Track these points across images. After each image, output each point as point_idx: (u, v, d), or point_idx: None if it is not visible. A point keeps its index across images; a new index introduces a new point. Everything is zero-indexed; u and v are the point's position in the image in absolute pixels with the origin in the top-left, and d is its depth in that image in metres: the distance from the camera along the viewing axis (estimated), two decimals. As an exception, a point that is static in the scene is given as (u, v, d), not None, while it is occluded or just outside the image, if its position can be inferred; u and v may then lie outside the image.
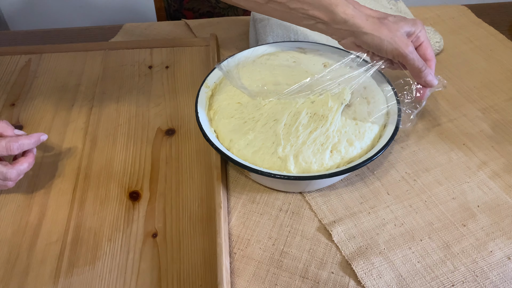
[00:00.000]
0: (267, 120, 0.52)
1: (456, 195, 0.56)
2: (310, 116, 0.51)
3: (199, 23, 0.86)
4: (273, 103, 0.53)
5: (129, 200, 0.55)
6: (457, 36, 0.81)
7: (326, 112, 0.51)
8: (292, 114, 0.52)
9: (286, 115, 0.51)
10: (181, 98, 0.68)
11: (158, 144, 0.61)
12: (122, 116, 0.66)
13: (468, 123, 0.65)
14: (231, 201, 0.55)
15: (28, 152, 0.53)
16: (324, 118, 0.51)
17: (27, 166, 0.52)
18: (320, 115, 0.51)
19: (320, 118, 0.51)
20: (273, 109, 0.53)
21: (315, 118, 0.51)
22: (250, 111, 0.54)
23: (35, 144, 0.53)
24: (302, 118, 0.51)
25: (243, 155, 0.51)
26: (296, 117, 0.51)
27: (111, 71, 0.74)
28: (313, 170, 0.49)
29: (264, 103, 0.53)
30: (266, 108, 0.53)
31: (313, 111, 0.52)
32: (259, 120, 0.53)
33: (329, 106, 0.51)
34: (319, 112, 0.51)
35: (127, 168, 0.58)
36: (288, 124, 0.51)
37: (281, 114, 0.52)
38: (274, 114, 0.52)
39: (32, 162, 0.53)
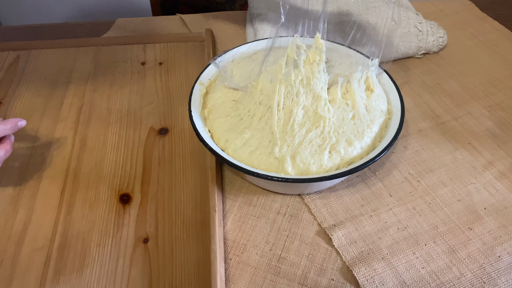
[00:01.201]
0: (262, 112, 0.49)
1: (462, 197, 0.53)
2: (305, 113, 0.49)
3: (195, 18, 0.83)
4: (264, 83, 0.50)
5: (120, 203, 0.52)
6: (461, 31, 0.78)
7: (313, 69, 0.48)
8: (282, 83, 0.48)
9: (277, 87, 0.48)
10: (175, 95, 0.66)
11: (151, 144, 0.59)
12: (113, 115, 0.63)
13: (473, 121, 0.62)
14: (226, 204, 0.53)
15: (5, 139, 0.50)
16: (319, 117, 0.48)
17: (4, 154, 0.49)
18: (315, 113, 0.49)
19: (316, 118, 0.49)
20: (265, 90, 0.50)
21: (310, 117, 0.49)
22: (245, 105, 0.51)
23: (12, 130, 0.50)
24: (295, 114, 0.48)
25: (239, 155, 0.49)
26: (288, 91, 0.48)
27: (102, 68, 0.71)
28: (311, 171, 0.47)
29: (256, 85, 0.50)
30: (259, 94, 0.50)
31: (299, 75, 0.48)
32: (254, 114, 0.50)
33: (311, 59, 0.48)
34: (308, 75, 0.48)
35: (117, 169, 0.56)
36: (282, 119, 0.48)
37: (273, 91, 0.49)
38: (267, 98, 0.49)
39: (9, 149, 0.50)
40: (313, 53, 0.48)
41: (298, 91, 0.48)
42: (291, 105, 0.48)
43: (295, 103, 0.48)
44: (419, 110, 0.64)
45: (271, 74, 0.49)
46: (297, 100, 0.48)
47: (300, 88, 0.48)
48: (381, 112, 0.52)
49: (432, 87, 0.68)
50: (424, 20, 0.72)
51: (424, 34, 0.71)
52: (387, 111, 0.53)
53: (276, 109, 0.48)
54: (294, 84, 0.48)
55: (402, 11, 0.72)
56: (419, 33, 0.71)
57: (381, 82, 0.57)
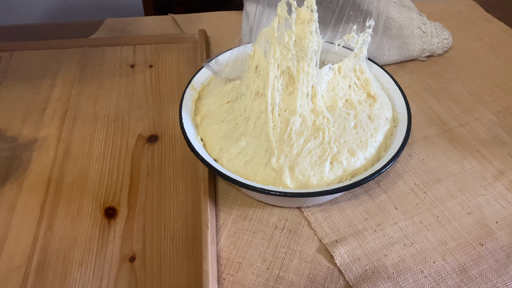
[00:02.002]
0: (257, 112, 0.46)
1: (472, 210, 0.50)
2: (302, 121, 0.45)
3: (187, 18, 0.79)
4: (259, 53, 0.46)
5: (104, 217, 0.48)
6: (465, 33, 0.75)
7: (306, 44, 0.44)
8: (277, 46, 0.44)
9: (272, 50, 0.44)
10: (166, 100, 0.62)
11: (139, 153, 0.55)
12: (99, 121, 0.59)
13: (481, 127, 0.59)
14: (220, 217, 0.49)
15: None
16: (317, 129, 0.45)
17: None
18: (312, 125, 0.45)
19: (315, 129, 0.45)
20: (261, 64, 0.46)
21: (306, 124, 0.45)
22: (240, 105, 0.48)
23: None
24: (292, 123, 0.45)
25: (234, 166, 0.45)
26: (283, 56, 0.45)
27: (89, 70, 0.67)
28: (312, 184, 0.43)
29: (253, 55, 0.46)
30: (254, 77, 0.47)
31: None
32: (250, 118, 0.46)
33: None
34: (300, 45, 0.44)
35: (103, 180, 0.52)
36: (278, 127, 0.45)
37: (267, 81, 0.45)
38: (263, 82, 0.46)
39: None
40: (304, 12, 0.44)
41: (293, 57, 0.45)
42: (289, 113, 0.45)
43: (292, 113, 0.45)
44: (424, 115, 0.61)
45: (264, 38, 0.45)
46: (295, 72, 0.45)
47: (293, 59, 0.45)
48: (385, 120, 0.49)
49: (437, 91, 0.64)
50: (428, 21, 0.69)
51: (428, 36, 0.67)
52: (392, 118, 0.50)
53: (270, 94, 0.44)
54: (288, 45, 0.44)
55: (405, 12, 0.69)
56: (423, 35, 0.67)
57: (385, 87, 0.54)
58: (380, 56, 0.66)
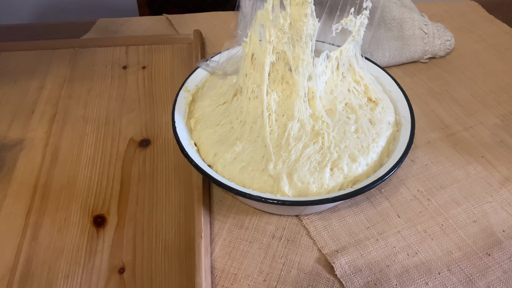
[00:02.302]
0: (253, 117, 0.44)
1: (477, 218, 0.48)
2: (301, 126, 0.43)
3: (182, 18, 0.77)
4: (254, 40, 0.44)
5: (93, 226, 0.46)
6: (468, 34, 0.73)
7: None
8: (272, 28, 0.42)
9: (267, 33, 0.42)
10: (159, 103, 0.59)
11: (130, 158, 0.52)
12: (89, 124, 0.57)
13: (485, 132, 0.57)
14: (215, 226, 0.47)
15: None
16: (316, 134, 0.43)
17: None
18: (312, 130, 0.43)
19: (314, 134, 0.43)
20: (256, 51, 0.44)
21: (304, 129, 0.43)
22: (236, 107, 0.45)
23: None
24: (290, 128, 0.43)
25: (229, 172, 0.43)
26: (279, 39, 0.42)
27: (80, 72, 0.65)
28: (311, 192, 0.41)
29: (248, 41, 0.44)
30: (250, 68, 0.45)
31: None
32: (245, 122, 0.44)
33: None
34: None
35: (92, 186, 0.50)
36: (276, 132, 0.43)
37: (262, 73, 0.43)
38: (259, 75, 0.44)
39: None
40: None
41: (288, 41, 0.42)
42: (286, 118, 0.43)
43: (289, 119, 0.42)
44: (426, 119, 0.59)
45: (259, 22, 0.43)
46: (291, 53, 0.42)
47: (289, 42, 0.42)
48: (388, 125, 0.46)
49: (440, 94, 0.62)
50: (430, 21, 0.67)
51: (430, 37, 0.65)
52: (395, 122, 0.48)
53: (265, 93, 0.42)
54: (283, 28, 0.42)
55: (406, 12, 0.67)
56: (425, 36, 0.65)
57: (387, 90, 0.52)
58: (381, 58, 0.64)
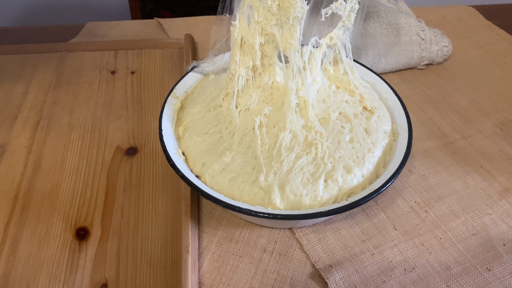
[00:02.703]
0: (243, 130, 0.42)
1: (477, 230, 0.46)
2: (293, 137, 0.41)
3: (174, 22, 0.75)
4: (242, 21, 0.42)
5: (75, 239, 0.44)
6: (465, 40, 0.72)
7: None
8: (260, 10, 0.41)
9: (256, 14, 0.41)
10: (147, 109, 0.57)
11: (116, 167, 0.50)
12: (74, 132, 0.55)
13: (484, 141, 0.55)
14: (203, 239, 0.45)
15: None
16: (309, 144, 0.41)
17: None
18: None
19: (307, 144, 0.41)
20: (245, 36, 0.43)
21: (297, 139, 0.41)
22: (226, 116, 0.44)
23: None
24: (282, 139, 0.41)
25: (218, 183, 0.41)
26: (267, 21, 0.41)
27: (66, 76, 0.62)
28: (304, 204, 0.39)
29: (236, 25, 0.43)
30: (238, 66, 0.43)
31: None
32: (235, 133, 0.42)
33: None
34: None
35: (75, 197, 0.47)
36: (267, 144, 0.41)
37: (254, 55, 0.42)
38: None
39: None
40: None
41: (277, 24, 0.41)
42: (278, 129, 0.41)
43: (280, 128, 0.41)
44: (424, 127, 0.57)
45: (247, 4, 0.41)
46: None
47: (278, 25, 0.41)
48: (384, 134, 0.45)
49: (437, 101, 0.61)
50: (427, 27, 0.65)
51: (427, 43, 0.64)
52: (391, 131, 0.46)
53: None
54: (271, 9, 0.40)
55: (403, 17, 0.65)
56: (422, 42, 0.64)
57: (383, 97, 0.50)
58: (377, 64, 0.63)
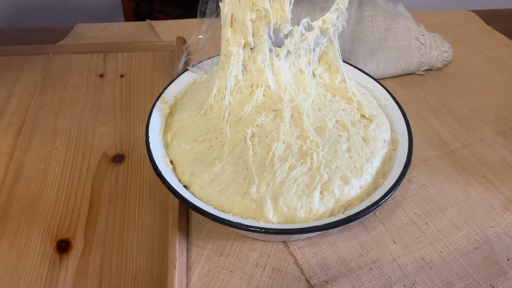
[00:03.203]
0: (234, 141, 0.40)
1: (480, 244, 0.44)
2: (286, 147, 0.39)
3: (166, 25, 0.73)
4: None
5: (56, 252, 0.41)
6: (465, 45, 0.70)
7: None
8: None
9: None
10: (136, 115, 0.55)
11: (101, 175, 0.48)
12: (59, 137, 0.52)
13: (486, 149, 0.53)
14: (192, 252, 0.42)
15: None
16: (304, 154, 0.39)
17: None
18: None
19: (302, 154, 0.39)
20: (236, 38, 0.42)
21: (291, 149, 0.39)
22: (216, 126, 0.41)
23: None
24: (275, 149, 0.39)
25: (207, 194, 0.38)
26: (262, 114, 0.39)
27: (52, 80, 0.60)
28: (299, 218, 0.37)
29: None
30: (228, 45, 0.43)
31: None
32: (225, 143, 0.40)
33: None
34: None
35: (57, 207, 0.45)
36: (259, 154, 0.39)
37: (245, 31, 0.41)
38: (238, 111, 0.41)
39: None
40: None
41: None
42: (270, 139, 0.39)
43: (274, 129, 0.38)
44: (423, 135, 0.55)
45: None
46: None
47: None
48: (383, 143, 0.42)
49: (437, 108, 0.59)
50: (426, 32, 0.64)
51: (427, 48, 0.62)
52: (391, 140, 0.44)
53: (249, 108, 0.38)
54: None
55: (402, 21, 0.64)
56: (422, 47, 0.62)
57: (382, 104, 0.48)
58: (375, 69, 0.61)
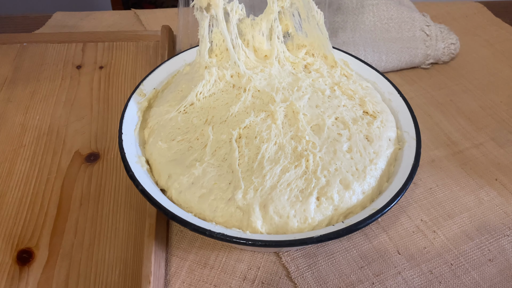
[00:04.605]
0: (217, 142, 0.35)
1: (494, 255, 0.39)
2: (278, 148, 0.34)
3: (152, 14, 0.68)
4: None
5: (16, 263, 0.36)
6: (473, 38, 0.66)
7: None
8: None
9: None
10: (114, 110, 0.50)
11: (73, 176, 0.43)
12: (28, 134, 0.47)
13: (498, 150, 0.49)
14: (172, 264, 0.37)
15: None
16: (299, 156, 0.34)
17: None
18: None
19: (296, 156, 0.34)
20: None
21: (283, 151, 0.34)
22: (197, 127, 0.37)
23: None
24: (265, 150, 0.34)
25: (186, 200, 0.34)
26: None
27: (25, 71, 0.55)
28: (291, 227, 0.32)
29: None
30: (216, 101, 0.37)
31: None
32: (207, 144, 0.35)
33: None
34: None
35: (21, 211, 0.40)
36: (246, 156, 0.34)
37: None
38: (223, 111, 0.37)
39: None
40: None
41: None
42: (260, 140, 0.34)
43: None
44: (430, 134, 0.50)
45: None
46: None
47: None
48: (388, 142, 0.38)
49: (444, 104, 0.54)
50: (432, 22, 0.59)
51: (433, 40, 0.57)
52: (396, 138, 0.39)
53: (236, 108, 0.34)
54: None
55: (405, 11, 0.59)
56: (427, 38, 0.57)
57: (386, 98, 0.43)
58: (377, 62, 0.56)
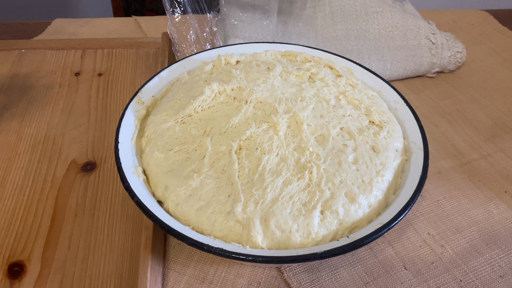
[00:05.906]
0: (215, 154, 0.34)
1: (505, 271, 0.38)
2: (280, 160, 0.33)
3: (153, 21, 0.67)
4: None
5: (7, 277, 0.35)
6: (479, 46, 0.64)
7: None
8: None
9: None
10: (112, 117, 0.49)
11: (68, 186, 0.41)
12: (23, 142, 0.46)
13: (507, 161, 0.47)
14: (169, 278, 0.36)
15: None
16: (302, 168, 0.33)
17: None
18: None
19: (299, 167, 0.33)
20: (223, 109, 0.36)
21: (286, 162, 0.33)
22: (196, 137, 0.35)
23: None
24: (266, 162, 0.33)
25: (183, 212, 0.32)
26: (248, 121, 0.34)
27: (22, 78, 0.54)
28: (294, 243, 0.30)
29: None
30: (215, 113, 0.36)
31: None
32: (205, 155, 0.34)
33: None
34: None
35: (14, 223, 0.38)
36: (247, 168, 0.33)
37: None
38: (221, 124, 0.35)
39: None
40: None
41: None
42: (261, 152, 0.33)
43: None
44: (436, 144, 0.49)
45: None
46: None
47: None
48: (395, 152, 0.36)
49: (451, 114, 0.53)
50: (438, 30, 0.58)
51: (438, 48, 0.56)
52: (403, 149, 0.37)
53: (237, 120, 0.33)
54: None
55: (410, 19, 0.58)
56: (433, 46, 0.56)
57: (392, 107, 0.42)
58: (382, 70, 0.55)
